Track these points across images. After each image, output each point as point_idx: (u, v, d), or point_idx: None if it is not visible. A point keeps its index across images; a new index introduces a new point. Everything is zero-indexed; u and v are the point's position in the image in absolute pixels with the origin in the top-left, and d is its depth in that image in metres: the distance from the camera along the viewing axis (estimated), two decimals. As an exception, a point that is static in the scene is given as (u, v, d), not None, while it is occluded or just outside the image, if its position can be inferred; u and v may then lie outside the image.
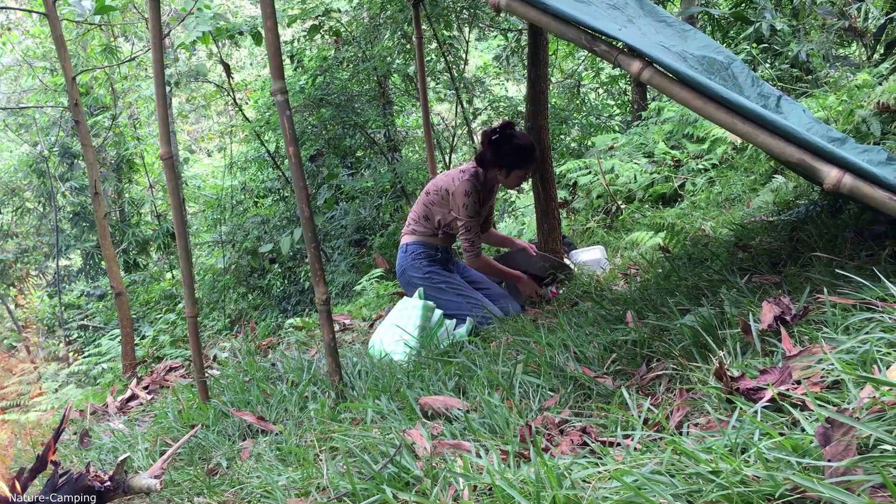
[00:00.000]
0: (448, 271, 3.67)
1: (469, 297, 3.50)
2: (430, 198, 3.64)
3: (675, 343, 2.01)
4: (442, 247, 3.71)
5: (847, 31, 6.05)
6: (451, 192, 3.55)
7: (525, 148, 3.53)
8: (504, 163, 3.53)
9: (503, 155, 3.52)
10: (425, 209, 3.65)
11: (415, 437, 1.86)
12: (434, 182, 3.69)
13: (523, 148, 3.53)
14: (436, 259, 3.64)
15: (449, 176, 3.63)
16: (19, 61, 10.49)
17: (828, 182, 1.84)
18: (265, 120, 8.12)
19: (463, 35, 8.48)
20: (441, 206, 3.61)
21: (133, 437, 2.85)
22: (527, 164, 3.56)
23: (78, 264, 12.12)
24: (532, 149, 3.56)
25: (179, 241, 2.93)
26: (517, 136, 3.53)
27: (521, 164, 3.54)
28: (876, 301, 1.74)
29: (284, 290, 8.36)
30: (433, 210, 3.63)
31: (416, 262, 3.61)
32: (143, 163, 11.65)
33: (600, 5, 2.50)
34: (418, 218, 3.67)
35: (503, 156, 3.52)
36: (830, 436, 1.17)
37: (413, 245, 3.66)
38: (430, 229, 3.66)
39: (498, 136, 3.53)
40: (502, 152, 3.52)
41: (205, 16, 6.10)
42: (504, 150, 3.52)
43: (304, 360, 3.21)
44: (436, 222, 3.64)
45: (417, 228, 3.67)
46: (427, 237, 3.67)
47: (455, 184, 3.55)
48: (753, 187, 5.00)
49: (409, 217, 3.74)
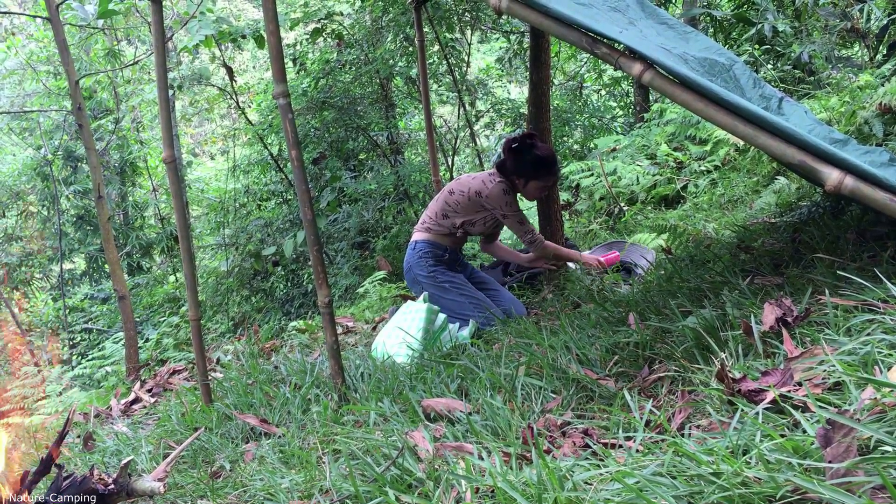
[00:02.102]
0: (454, 272, 3.67)
1: (472, 298, 3.50)
2: (455, 198, 3.62)
3: (677, 345, 2.01)
4: (451, 248, 3.70)
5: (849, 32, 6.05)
6: (486, 195, 3.54)
7: (545, 159, 3.52)
8: (523, 173, 3.53)
9: (523, 164, 3.51)
10: (445, 207, 3.63)
11: (417, 439, 1.86)
12: (460, 182, 3.66)
13: (543, 159, 3.51)
14: (442, 259, 3.64)
15: (478, 179, 3.62)
16: (23, 65, 10.51)
17: (829, 184, 1.84)
18: (268, 123, 8.13)
19: (465, 37, 8.49)
20: (467, 208, 3.60)
21: (137, 440, 2.86)
22: (546, 175, 3.56)
23: (81, 267, 12.15)
24: (553, 161, 3.56)
25: (183, 244, 2.94)
26: (538, 147, 3.52)
27: (540, 175, 3.53)
28: (877, 303, 1.74)
29: (287, 292, 8.37)
30: (455, 210, 3.61)
31: (423, 260, 3.61)
32: (147, 166, 11.67)
33: (601, 8, 2.51)
34: (434, 216, 3.66)
35: (523, 165, 3.51)
36: (831, 437, 1.17)
37: (422, 243, 3.65)
38: (446, 228, 3.64)
39: (518, 145, 3.52)
40: (523, 161, 3.51)
41: (207, 19, 6.12)
42: (525, 159, 3.51)
43: (307, 362, 3.22)
44: (454, 223, 3.62)
45: (432, 227, 3.65)
46: (440, 236, 3.65)
47: (488, 187, 3.54)
48: (756, 189, 5.00)
49: (425, 214, 3.73)
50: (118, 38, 10.75)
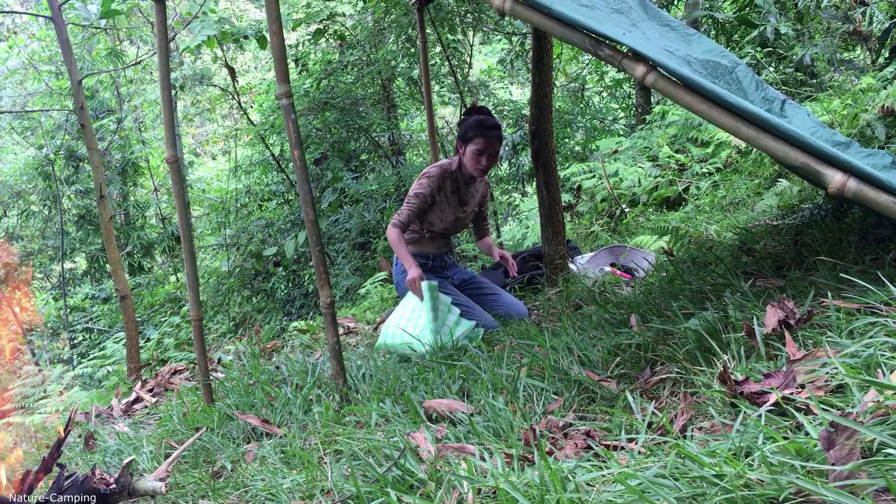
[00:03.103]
0: (442, 278, 3.62)
1: (462, 305, 3.40)
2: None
3: (679, 347, 2.01)
4: (434, 254, 3.66)
5: (851, 34, 6.05)
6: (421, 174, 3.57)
7: (477, 122, 3.44)
8: (460, 137, 3.51)
9: (461, 130, 3.51)
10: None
11: (419, 440, 1.86)
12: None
13: (475, 122, 3.44)
14: (426, 268, 3.61)
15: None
16: (25, 65, 10.53)
17: (832, 186, 1.84)
18: (270, 123, 8.14)
19: (467, 39, 8.50)
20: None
21: (138, 440, 2.86)
22: (475, 137, 3.43)
23: (83, 267, 12.15)
24: (484, 125, 3.43)
25: (184, 244, 2.94)
26: (481, 113, 3.50)
27: (468, 138, 3.45)
28: (880, 305, 1.74)
29: (289, 293, 8.37)
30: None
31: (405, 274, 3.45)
32: (149, 166, 11.69)
33: (604, 9, 2.51)
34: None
35: (461, 131, 3.51)
36: (834, 439, 1.17)
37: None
38: (417, 233, 3.62)
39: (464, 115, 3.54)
40: (461, 127, 3.51)
41: (210, 20, 6.12)
42: (462, 124, 3.51)
43: (309, 363, 3.22)
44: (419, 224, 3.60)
45: (406, 236, 3.58)
46: (414, 244, 3.63)
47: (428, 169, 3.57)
48: (758, 191, 5.00)
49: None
50: (120, 38, 10.77)
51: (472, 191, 3.71)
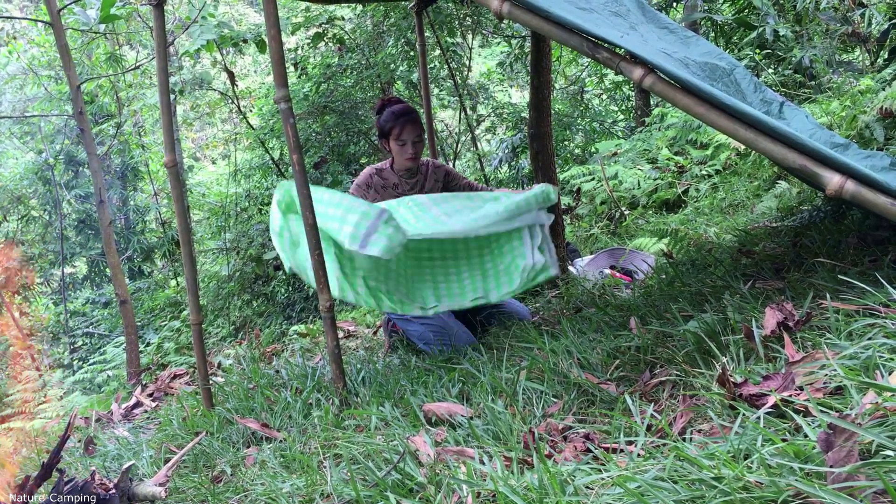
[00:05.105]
0: None
1: (433, 326, 3.20)
2: None
3: (678, 349, 2.01)
4: None
5: (850, 36, 6.06)
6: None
7: (394, 112, 3.26)
8: (382, 133, 3.33)
9: (379, 127, 3.33)
10: None
11: (418, 443, 1.86)
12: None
13: (393, 112, 3.28)
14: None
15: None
16: (25, 70, 10.55)
17: (830, 188, 1.84)
18: (269, 127, 8.14)
19: (466, 42, 8.51)
20: None
21: (138, 445, 2.86)
22: (391, 128, 3.26)
23: (83, 272, 12.17)
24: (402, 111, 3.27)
25: (184, 249, 2.94)
26: (392, 104, 3.34)
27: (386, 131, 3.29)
28: (879, 307, 1.74)
29: (289, 296, 8.37)
30: None
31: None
32: (148, 170, 11.70)
33: (602, 12, 2.51)
34: None
35: (380, 128, 3.33)
36: (833, 442, 1.17)
37: None
38: None
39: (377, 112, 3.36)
40: (378, 124, 3.34)
41: (209, 24, 6.13)
42: (378, 121, 3.33)
43: (308, 366, 3.22)
44: None
45: None
46: None
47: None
48: (757, 193, 5.01)
49: None
50: (120, 43, 10.77)
51: (422, 181, 3.47)
